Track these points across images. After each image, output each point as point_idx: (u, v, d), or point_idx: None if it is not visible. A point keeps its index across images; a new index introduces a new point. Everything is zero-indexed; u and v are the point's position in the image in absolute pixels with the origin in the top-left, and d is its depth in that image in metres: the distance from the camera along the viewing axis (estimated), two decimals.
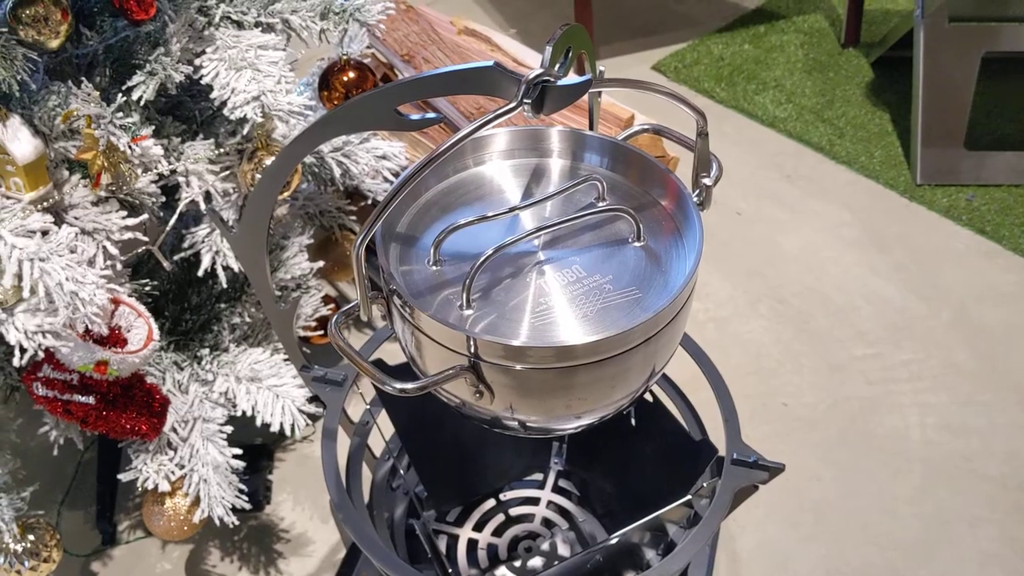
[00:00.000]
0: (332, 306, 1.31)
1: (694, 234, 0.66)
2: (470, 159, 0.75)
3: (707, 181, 0.69)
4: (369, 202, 1.35)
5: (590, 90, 0.63)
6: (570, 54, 0.59)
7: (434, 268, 0.67)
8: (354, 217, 1.35)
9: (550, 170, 0.75)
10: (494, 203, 0.71)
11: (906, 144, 1.89)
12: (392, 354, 0.91)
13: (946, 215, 1.74)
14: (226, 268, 1.08)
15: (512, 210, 0.69)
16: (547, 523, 1.06)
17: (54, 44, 0.92)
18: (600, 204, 0.71)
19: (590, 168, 0.75)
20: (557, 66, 0.58)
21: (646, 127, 0.77)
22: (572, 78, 0.57)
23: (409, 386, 0.60)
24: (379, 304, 0.65)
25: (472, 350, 0.60)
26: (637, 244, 0.67)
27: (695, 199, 0.68)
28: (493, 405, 0.63)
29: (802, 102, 2.03)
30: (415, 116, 0.61)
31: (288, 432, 1.07)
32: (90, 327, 0.91)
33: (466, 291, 0.62)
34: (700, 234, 0.65)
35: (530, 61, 1.58)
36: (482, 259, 0.62)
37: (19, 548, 1.03)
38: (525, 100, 0.55)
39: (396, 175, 1.26)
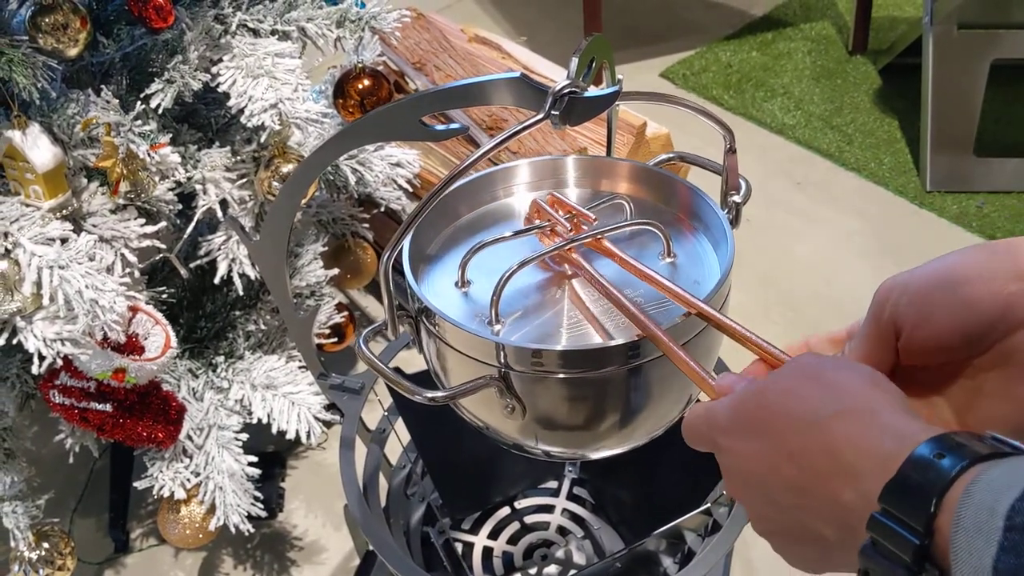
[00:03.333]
0: (345, 314, 1.31)
1: (725, 247, 0.65)
2: (500, 189, 0.75)
3: (736, 199, 0.68)
4: (382, 210, 1.35)
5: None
6: (593, 65, 0.59)
7: (462, 290, 0.66)
8: (367, 225, 1.36)
9: (577, 197, 0.75)
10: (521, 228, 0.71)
11: (915, 151, 1.89)
12: (406, 362, 0.92)
13: (956, 222, 1.74)
14: (242, 275, 1.08)
15: (537, 228, 0.68)
16: (562, 531, 1.06)
17: (73, 52, 0.92)
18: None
19: (616, 191, 0.74)
20: (582, 77, 0.58)
21: (672, 156, 0.78)
22: (599, 90, 0.57)
23: (439, 395, 0.60)
24: (406, 324, 0.65)
25: (502, 359, 0.59)
26: (667, 260, 0.67)
27: (726, 215, 0.68)
28: (524, 420, 0.62)
29: (810, 109, 2.03)
30: (439, 126, 0.61)
31: (304, 439, 1.07)
32: (109, 334, 0.91)
33: (494, 307, 0.62)
34: (731, 246, 0.64)
35: (540, 68, 1.59)
36: (508, 272, 0.62)
37: (34, 556, 1.03)
38: (553, 112, 0.55)
39: (410, 182, 1.27)
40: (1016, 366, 0.43)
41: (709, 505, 0.85)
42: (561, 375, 0.59)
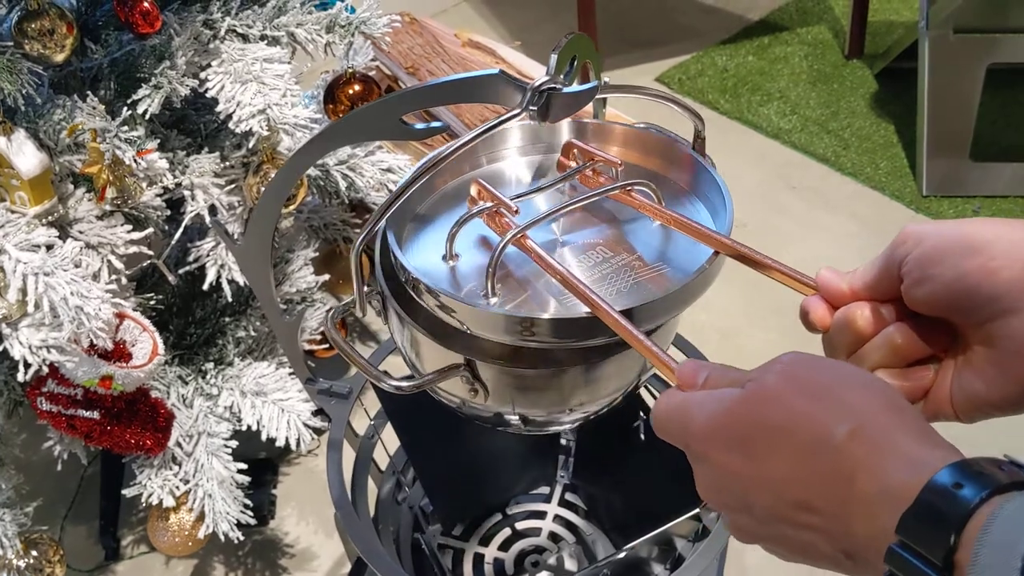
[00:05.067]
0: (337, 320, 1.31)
1: (724, 216, 0.63)
2: (483, 157, 0.73)
3: None
4: None
5: (594, 98, 0.63)
6: (575, 63, 0.59)
7: (450, 263, 0.63)
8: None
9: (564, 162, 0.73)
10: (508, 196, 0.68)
11: (912, 155, 1.88)
12: (398, 367, 0.91)
13: None
14: (231, 281, 1.08)
15: (523, 196, 0.66)
16: (554, 537, 1.05)
17: (59, 58, 0.92)
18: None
19: (612, 155, 0.70)
20: (562, 74, 0.57)
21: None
22: (577, 85, 0.56)
23: (405, 384, 0.60)
24: (375, 301, 0.65)
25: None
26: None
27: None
28: (489, 402, 0.62)
29: (807, 113, 2.02)
30: (419, 125, 0.60)
31: (294, 447, 1.06)
32: (95, 342, 0.91)
33: (490, 279, 0.59)
34: (730, 214, 0.62)
35: (535, 73, 1.58)
36: (502, 243, 0.59)
37: (22, 564, 1.02)
38: (531, 107, 0.55)
39: None
40: (999, 350, 0.43)
41: (698, 510, 0.84)
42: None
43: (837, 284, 0.49)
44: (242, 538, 1.07)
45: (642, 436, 0.99)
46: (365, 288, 0.63)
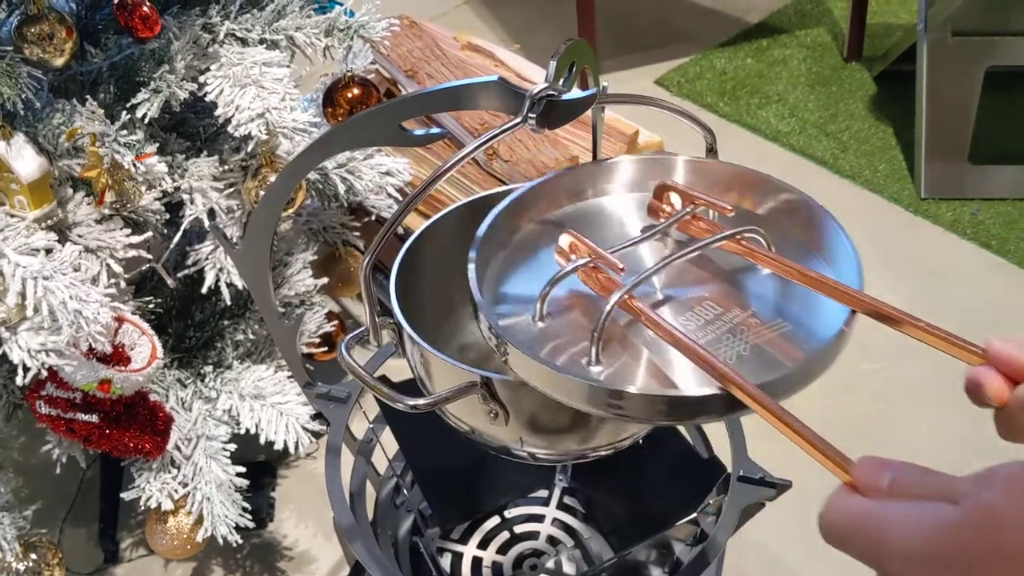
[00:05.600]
0: (336, 323, 1.31)
1: (844, 249, 0.58)
2: (563, 197, 0.68)
3: None
4: (373, 218, 1.35)
5: (594, 105, 0.63)
6: (574, 69, 0.59)
7: (540, 324, 0.56)
8: (358, 233, 1.35)
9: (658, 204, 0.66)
10: (607, 243, 0.59)
11: (910, 158, 1.88)
12: (395, 370, 0.91)
13: (951, 229, 1.73)
14: (230, 285, 1.08)
15: (621, 248, 0.59)
16: (552, 540, 1.05)
17: (59, 62, 0.92)
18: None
19: (711, 198, 0.63)
20: (561, 81, 0.58)
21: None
22: (577, 92, 0.56)
23: (421, 402, 0.60)
24: (389, 329, 0.64)
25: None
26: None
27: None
28: (507, 425, 0.61)
29: (805, 116, 2.03)
30: (419, 131, 0.60)
31: (292, 450, 1.07)
32: (94, 345, 0.91)
33: (595, 344, 0.52)
34: (853, 249, 0.57)
35: (534, 76, 1.58)
36: (610, 305, 0.52)
37: (21, 567, 1.02)
38: (530, 115, 0.55)
39: (400, 191, 1.26)
40: None
41: (696, 515, 0.84)
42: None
43: (1017, 356, 0.42)
44: (240, 541, 1.07)
45: (639, 440, 0.99)
46: (378, 316, 0.61)
